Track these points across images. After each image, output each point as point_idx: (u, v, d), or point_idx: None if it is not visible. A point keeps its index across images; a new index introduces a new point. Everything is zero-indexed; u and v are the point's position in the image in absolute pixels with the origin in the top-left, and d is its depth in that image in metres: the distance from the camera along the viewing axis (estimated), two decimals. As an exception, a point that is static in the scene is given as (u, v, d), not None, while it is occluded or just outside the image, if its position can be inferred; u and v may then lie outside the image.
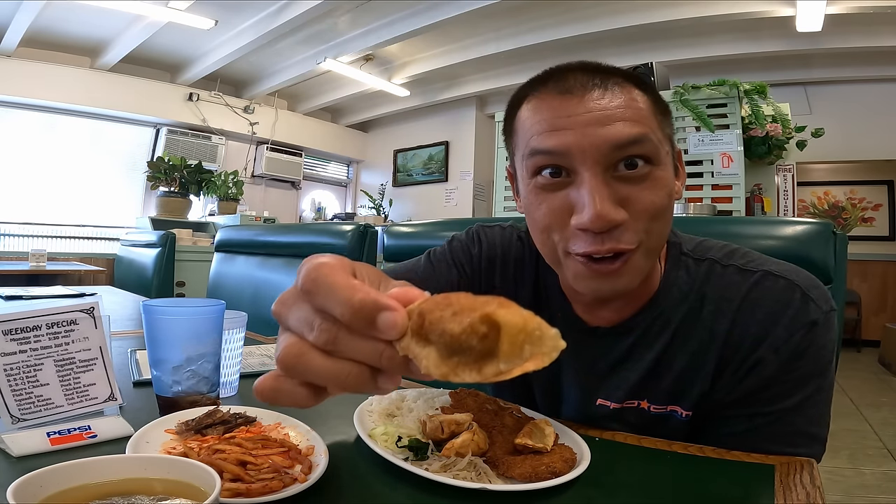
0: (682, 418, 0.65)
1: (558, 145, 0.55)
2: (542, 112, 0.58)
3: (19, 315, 0.53)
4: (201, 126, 5.57)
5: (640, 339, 0.66)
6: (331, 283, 0.27)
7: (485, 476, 0.50)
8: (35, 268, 3.46)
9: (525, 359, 0.25)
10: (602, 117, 0.55)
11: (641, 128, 0.55)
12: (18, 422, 0.52)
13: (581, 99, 0.56)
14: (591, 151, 0.54)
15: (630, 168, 0.55)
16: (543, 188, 0.58)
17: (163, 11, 3.93)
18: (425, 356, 0.26)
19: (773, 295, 0.60)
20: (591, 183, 0.54)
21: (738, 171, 2.82)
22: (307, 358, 0.27)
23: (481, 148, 6.26)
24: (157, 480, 0.36)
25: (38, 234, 4.72)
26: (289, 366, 0.28)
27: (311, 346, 0.28)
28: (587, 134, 0.54)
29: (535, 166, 0.58)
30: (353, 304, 0.26)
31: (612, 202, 0.54)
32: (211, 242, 3.76)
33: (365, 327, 0.26)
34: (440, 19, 4.10)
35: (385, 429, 0.56)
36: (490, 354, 0.25)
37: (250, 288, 1.95)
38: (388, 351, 0.27)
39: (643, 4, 3.96)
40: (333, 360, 0.27)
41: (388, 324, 0.26)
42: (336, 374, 0.27)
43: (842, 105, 4.82)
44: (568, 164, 0.56)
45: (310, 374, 0.28)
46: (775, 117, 2.90)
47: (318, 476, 0.46)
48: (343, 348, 0.27)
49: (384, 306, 0.26)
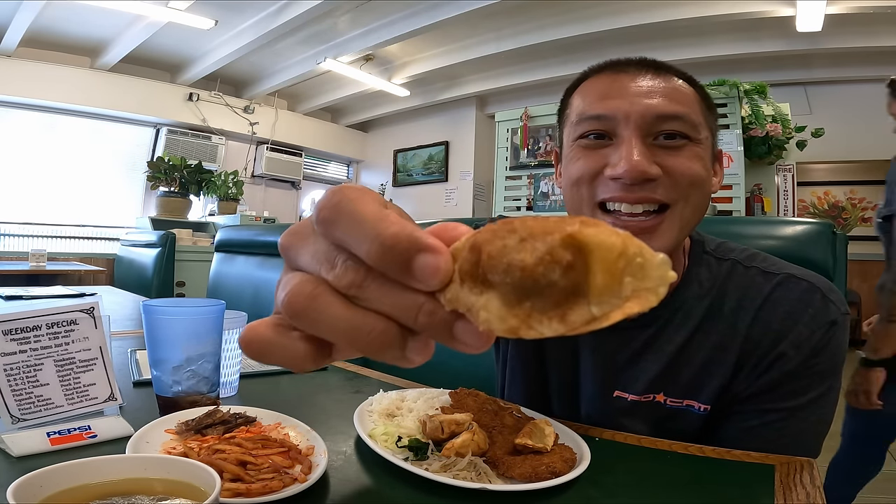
0: (699, 412, 0.65)
1: (606, 110, 0.59)
2: (596, 87, 0.63)
3: (19, 315, 0.53)
4: (201, 126, 5.57)
5: (660, 332, 0.66)
6: (358, 210, 0.20)
7: (485, 476, 0.50)
8: (35, 268, 3.45)
9: (625, 297, 0.18)
10: (649, 91, 0.59)
11: (683, 108, 0.59)
12: (18, 422, 0.52)
13: (633, 77, 0.61)
14: (635, 117, 0.58)
15: (669, 138, 0.59)
16: (585, 147, 0.62)
17: (163, 11, 3.93)
18: (483, 304, 0.18)
19: (796, 295, 0.63)
20: (629, 141, 0.58)
21: (738, 171, 2.82)
22: (323, 302, 0.21)
23: (481, 148, 6.25)
24: (157, 480, 0.36)
25: (38, 234, 4.72)
26: (297, 310, 0.21)
27: (330, 288, 0.21)
28: (633, 102, 0.59)
29: (581, 131, 0.62)
30: (385, 240, 0.19)
31: (648, 159, 0.57)
32: (211, 242, 3.76)
33: (399, 271, 0.19)
34: (440, 19, 4.10)
35: (385, 429, 0.56)
36: (577, 293, 0.18)
37: (250, 288, 1.95)
38: (429, 304, 0.20)
39: (643, 4, 3.96)
40: (355, 309, 0.21)
41: (429, 269, 0.19)
42: (355, 327, 0.20)
43: (842, 105, 4.81)
44: (612, 128, 0.60)
45: (323, 323, 0.21)
46: (775, 117, 2.90)
47: (318, 476, 0.46)
48: (370, 295, 0.20)
49: (424, 246, 0.19)
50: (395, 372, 0.94)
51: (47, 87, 4.58)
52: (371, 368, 0.97)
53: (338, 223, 0.20)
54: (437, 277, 0.19)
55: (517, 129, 3.58)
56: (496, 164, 3.64)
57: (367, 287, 0.20)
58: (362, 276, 0.20)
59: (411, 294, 0.20)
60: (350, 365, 0.98)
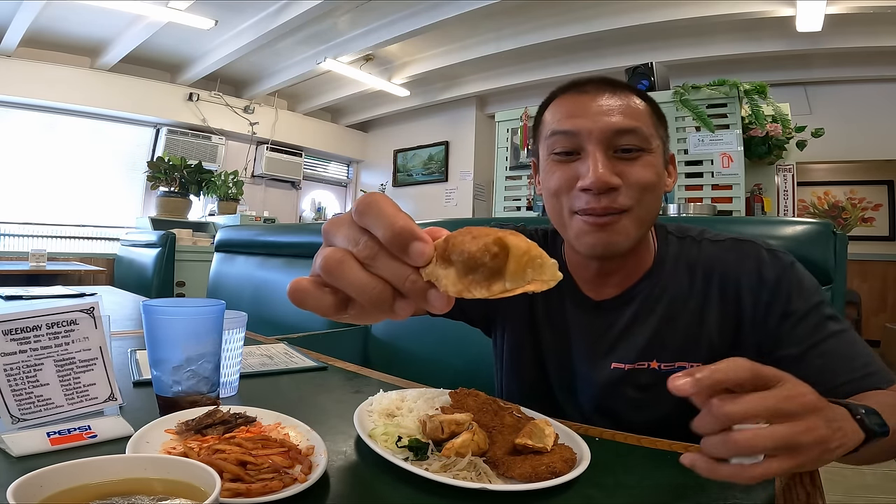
0: None
1: (572, 127, 0.71)
2: (563, 106, 0.74)
3: (19, 315, 0.53)
4: (201, 126, 5.57)
5: (642, 306, 0.76)
6: (382, 207, 0.31)
7: (485, 476, 0.50)
8: (35, 268, 3.45)
9: (527, 281, 0.29)
10: (607, 110, 0.70)
11: (636, 122, 0.70)
12: (18, 422, 0.52)
13: (594, 97, 0.72)
14: (597, 133, 0.69)
15: (626, 151, 0.70)
16: (558, 162, 0.73)
17: (163, 11, 3.93)
18: (445, 275, 0.30)
19: (744, 251, 0.74)
20: (594, 155, 0.69)
21: (738, 171, 2.81)
22: (347, 265, 0.31)
23: (481, 148, 6.25)
24: (157, 480, 0.36)
25: (38, 234, 4.72)
26: (329, 269, 0.31)
27: (352, 257, 0.31)
28: (595, 120, 0.70)
29: (553, 145, 0.73)
30: (395, 228, 0.30)
31: (610, 171, 0.68)
32: (211, 242, 3.76)
33: (399, 250, 0.30)
34: (440, 19, 4.10)
35: (385, 429, 0.56)
36: (499, 274, 0.29)
37: (250, 288, 1.96)
38: (413, 276, 0.31)
39: (643, 4, 3.96)
40: (367, 273, 0.31)
41: (418, 251, 0.30)
42: (365, 285, 0.31)
43: (842, 105, 4.81)
44: (578, 143, 0.71)
45: (345, 279, 0.31)
46: (775, 117, 2.90)
47: (318, 476, 0.46)
48: (378, 264, 0.31)
49: (418, 236, 0.30)
50: (394, 372, 0.94)
51: (47, 87, 4.58)
52: (371, 368, 0.97)
53: (367, 215, 0.31)
54: (423, 258, 0.30)
55: (517, 129, 3.58)
56: (496, 164, 3.64)
57: (378, 259, 0.31)
58: (376, 251, 0.31)
59: (405, 267, 0.31)
60: (350, 365, 0.98)
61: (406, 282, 0.31)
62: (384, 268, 0.31)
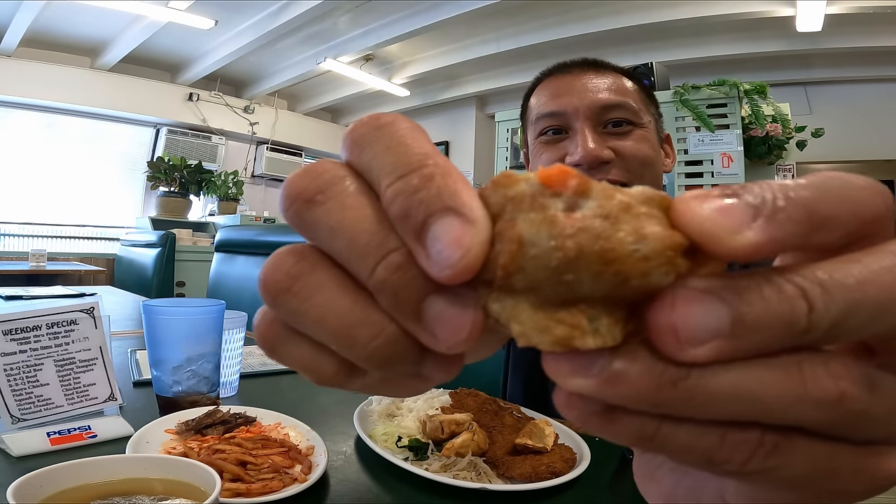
0: None
1: (558, 107, 0.68)
2: (548, 88, 0.72)
3: (19, 315, 0.53)
4: (201, 126, 5.57)
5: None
6: (400, 136, 0.17)
7: (485, 476, 0.50)
8: (35, 268, 3.45)
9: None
10: (593, 87, 0.68)
11: (624, 97, 0.68)
12: (18, 422, 0.52)
13: (578, 76, 0.70)
14: (583, 109, 0.67)
15: (616, 126, 0.68)
16: (546, 143, 0.70)
17: (163, 11, 3.93)
18: (514, 308, 0.14)
19: None
20: (582, 131, 0.67)
21: (738, 171, 2.82)
22: (310, 284, 0.16)
23: (481, 148, 6.25)
24: (157, 480, 0.36)
25: (38, 234, 4.72)
26: (275, 294, 0.16)
27: (326, 262, 0.16)
28: (581, 97, 0.68)
29: (541, 128, 0.71)
30: (412, 184, 0.15)
31: (601, 145, 0.66)
32: (211, 242, 3.76)
33: (414, 238, 0.15)
34: (440, 19, 4.10)
35: (385, 429, 0.56)
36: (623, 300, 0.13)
37: (250, 288, 1.95)
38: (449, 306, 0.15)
39: (643, 4, 3.96)
40: (353, 299, 0.16)
41: (451, 246, 0.14)
42: (351, 325, 0.15)
43: (842, 105, 4.81)
44: (565, 122, 0.69)
45: (308, 315, 0.16)
46: (775, 117, 2.90)
47: (318, 476, 0.46)
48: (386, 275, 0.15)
49: (454, 207, 0.15)
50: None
51: (47, 87, 4.58)
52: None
53: (372, 145, 0.17)
54: (463, 264, 0.13)
55: (517, 129, 3.58)
56: (496, 164, 3.64)
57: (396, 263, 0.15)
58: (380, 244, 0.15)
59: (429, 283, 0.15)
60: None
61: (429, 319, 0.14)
62: (398, 283, 0.14)
